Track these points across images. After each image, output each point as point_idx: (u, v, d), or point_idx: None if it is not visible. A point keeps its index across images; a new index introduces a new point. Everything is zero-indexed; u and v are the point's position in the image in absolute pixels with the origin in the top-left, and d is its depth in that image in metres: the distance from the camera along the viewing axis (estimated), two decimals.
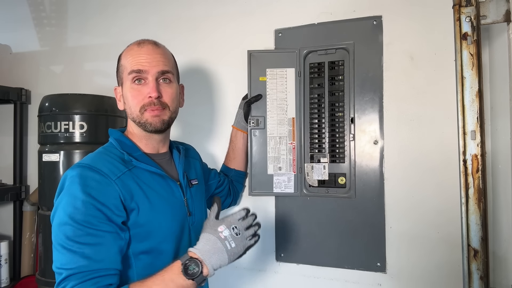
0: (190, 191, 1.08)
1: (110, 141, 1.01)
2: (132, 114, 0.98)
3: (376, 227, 1.25)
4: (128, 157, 0.95)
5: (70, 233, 0.82)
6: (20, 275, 1.84)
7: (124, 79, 0.99)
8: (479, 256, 0.91)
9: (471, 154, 0.91)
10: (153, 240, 0.93)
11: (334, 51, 1.31)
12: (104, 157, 0.94)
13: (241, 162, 1.37)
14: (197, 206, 1.08)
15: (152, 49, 0.99)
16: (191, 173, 1.14)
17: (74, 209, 0.83)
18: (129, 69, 0.96)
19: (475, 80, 0.91)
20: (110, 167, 0.91)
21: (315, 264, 1.34)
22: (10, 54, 1.98)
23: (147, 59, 0.96)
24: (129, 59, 0.97)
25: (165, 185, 0.99)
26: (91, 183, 0.86)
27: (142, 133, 1.00)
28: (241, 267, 1.45)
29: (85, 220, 0.82)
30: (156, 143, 1.04)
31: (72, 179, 0.87)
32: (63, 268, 0.81)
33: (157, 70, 0.97)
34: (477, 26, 0.92)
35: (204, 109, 1.52)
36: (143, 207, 0.91)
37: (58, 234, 0.83)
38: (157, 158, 1.03)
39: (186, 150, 1.17)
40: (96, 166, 0.89)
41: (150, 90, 0.95)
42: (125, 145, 0.99)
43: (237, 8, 1.48)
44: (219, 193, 1.32)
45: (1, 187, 1.85)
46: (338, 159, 1.30)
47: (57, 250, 0.83)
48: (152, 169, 0.97)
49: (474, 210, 0.91)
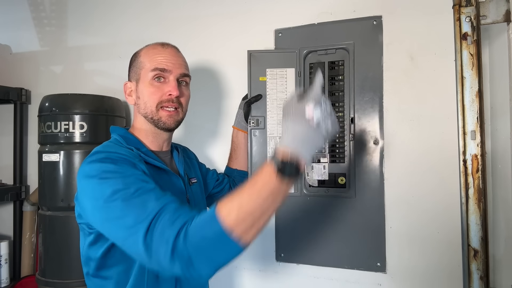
0: (191, 189, 1.09)
1: (113, 137, 1.00)
2: (145, 109, 0.99)
3: (376, 227, 1.25)
4: (136, 151, 0.94)
5: (123, 196, 0.76)
6: (20, 275, 1.84)
7: (142, 75, 1.00)
8: (479, 256, 0.91)
9: (471, 154, 0.91)
10: None
11: (334, 51, 1.31)
12: (114, 146, 0.93)
13: (243, 162, 1.38)
14: (197, 204, 1.10)
15: (175, 52, 1.03)
16: (190, 172, 1.16)
17: (114, 178, 0.78)
18: (153, 66, 0.98)
19: (475, 80, 0.91)
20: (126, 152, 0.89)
21: (315, 264, 1.34)
22: (10, 54, 1.98)
23: (171, 60, 1.00)
24: (152, 57, 0.99)
25: (168, 181, 0.99)
26: (118, 157, 0.84)
27: (151, 130, 1.01)
28: (241, 267, 1.45)
29: (130, 179, 0.78)
30: (162, 141, 1.05)
31: (100, 155, 0.84)
32: (142, 220, 0.72)
33: (180, 72, 1.01)
34: (477, 26, 0.92)
35: (204, 109, 1.52)
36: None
37: (111, 207, 0.76)
38: (161, 155, 1.04)
39: (183, 150, 1.20)
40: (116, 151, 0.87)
41: (172, 88, 0.98)
42: (130, 140, 0.99)
43: (237, 8, 1.48)
44: (219, 191, 1.33)
45: (1, 187, 1.85)
46: (338, 159, 1.30)
47: (118, 217, 0.75)
48: (158, 164, 0.97)
49: (474, 210, 0.91)
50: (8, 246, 1.81)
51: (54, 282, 1.40)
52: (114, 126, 1.04)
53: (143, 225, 0.72)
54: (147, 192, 0.78)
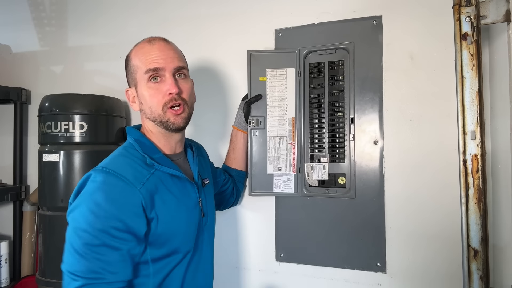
0: (204, 191, 1.07)
1: (129, 140, 0.99)
2: (152, 114, 0.96)
3: (376, 227, 1.25)
4: (150, 161, 0.93)
5: (88, 240, 0.80)
6: (20, 275, 1.84)
7: (138, 79, 0.96)
8: (479, 256, 0.90)
9: (471, 154, 0.91)
10: (170, 245, 0.93)
11: (334, 51, 1.31)
12: (126, 160, 0.92)
13: (241, 162, 1.38)
14: (209, 206, 1.08)
15: (164, 45, 0.97)
16: (203, 172, 1.13)
17: (96, 217, 0.81)
18: (145, 68, 0.94)
19: (475, 80, 0.91)
20: (135, 174, 0.88)
21: (315, 264, 1.34)
22: (10, 54, 1.98)
23: (161, 56, 0.94)
24: (142, 58, 0.95)
25: (182, 188, 0.98)
26: (116, 191, 0.84)
27: (162, 132, 0.99)
28: (241, 267, 1.45)
29: (105, 230, 0.81)
30: (174, 142, 1.02)
31: (96, 185, 0.84)
32: (78, 276, 0.80)
33: (173, 67, 0.95)
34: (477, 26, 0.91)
35: (204, 109, 1.52)
36: (162, 217, 0.90)
37: (74, 237, 0.82)
38: (175, 159, 1.02)
39: (197, 149, 1.17)
40: (122, 174, 0.86)
41: (170, 86, 0.93)
42: (145, 146, 0.97)
43: (237, 8, 1.48)
44: (225, 191, 1.33)
45: (1, 187, 1.85)
46: (338, 159, 1.30)
47: (71, 253, 0.82)
48: (172, 172, 0.95)
49: (474, 210, 0.91)
50: (8, 246, 1.81)
51: (54, 282, 1.40)
52: (130, 127, 1.02)
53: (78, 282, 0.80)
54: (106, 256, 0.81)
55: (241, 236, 1.43)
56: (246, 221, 1.46)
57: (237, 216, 1.47)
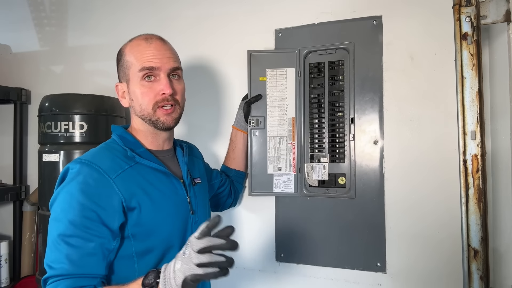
0: (194, 189, 1.06)
1: (112, 137, 1.00)
2: (142, 112, 0.96)
3: (376, 227, 1.25)
4: (131, 153, 0.93)
5: (61, 230, 0.82)
6: (20, 275, 1.84)
7: (131, 75, 0.96)
8: (479, 256, 0.91)
9: (471, 154, 0.91)
10: (155, 239, 0.93)
11: (334, 51, 1.31)
12: (105, 153, 0.93)
13: (241, 162, 1.37)
14: (200, 205, 1.08)
15: (161, 45, 0.97)
16: (194, 171, 1.13)
17: (69, 207, 0.83)
18: (140, 66, 0.94)
19: (475, 80, 0.91)
20: (110, 164, 0.89)
21: (315, 264, 1.34)
22: (10, 54, 1.98)
23: (157, 55, 0.94)
24: (138, 55, 0.95)
25: (167, 183, 0.98)
26: (89, 181, 0.85)
27: (150, 130, 0.99)
28: (241, 267, 1.45)
29: (77, 220, 0.82)
30: (162, 140, 1.03)
31: (71, 175, 0.86)
32: (49, 266, 0.81)
33: (169, 67, 0.95)
34: (477, 26, 0.92)
35: (204, 109, 1.52)
36: (145, 206, 0.90)
37: (51, 228, 0.84)
38: (161, 155, 1.02)
39: (189, 148, 1.17)
40: (96, 163, 0.88)
41: (164, 87, 0.94)
42: (127, 141, 0.98)
43: (237, 8, 1.48)
44: (221, 192, 1.32)
45: (1, 187, 1.85)
46: (338, 159, 1.30)
47: (48, 245, 0.83)
48: (155, 166, 0.96)
49: (474, 210, 0.91)
50: (8, 246, 1.82)
51: None
52: (115, 125, 1.03)
53: (48, 273, 0.81)
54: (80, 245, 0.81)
55: (241, 236, 1.43)
56: (246, 221, 1.46)
57: (237, 216, 1.47)
